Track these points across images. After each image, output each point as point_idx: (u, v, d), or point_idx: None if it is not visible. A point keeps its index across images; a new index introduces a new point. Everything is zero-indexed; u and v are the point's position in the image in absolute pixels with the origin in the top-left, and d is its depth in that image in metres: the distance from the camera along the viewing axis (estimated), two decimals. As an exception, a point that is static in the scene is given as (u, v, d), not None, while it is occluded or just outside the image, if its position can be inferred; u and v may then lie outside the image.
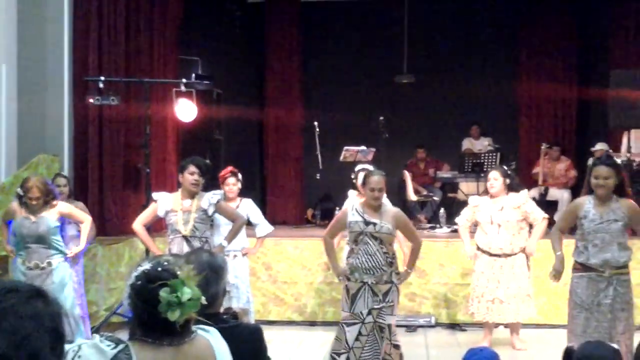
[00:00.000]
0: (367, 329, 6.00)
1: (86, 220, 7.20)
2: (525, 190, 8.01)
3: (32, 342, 1.84)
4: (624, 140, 10.01)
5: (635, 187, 9.98)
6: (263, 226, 7.90)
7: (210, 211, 6.72)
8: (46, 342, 2.11)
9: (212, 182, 7.63)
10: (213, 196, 6.76)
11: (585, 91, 12.95)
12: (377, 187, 6.13)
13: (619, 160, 10.11)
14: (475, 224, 7.94)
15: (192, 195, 6.71)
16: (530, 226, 7.79)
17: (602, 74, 11.20)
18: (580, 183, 11.11)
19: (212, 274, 2.96)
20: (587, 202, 5.76)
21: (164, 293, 2.31)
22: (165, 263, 2.40)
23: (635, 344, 3.75)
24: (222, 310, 3.38)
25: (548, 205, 11.11)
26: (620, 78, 10.05)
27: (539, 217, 7.72)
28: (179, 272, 2.36)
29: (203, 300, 2.39)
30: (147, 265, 2.40)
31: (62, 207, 6.95)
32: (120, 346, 2.35)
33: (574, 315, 5.75)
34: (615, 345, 3.19)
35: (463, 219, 8.01)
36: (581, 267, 5.73)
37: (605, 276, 5.63)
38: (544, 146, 12.02)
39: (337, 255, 6.74)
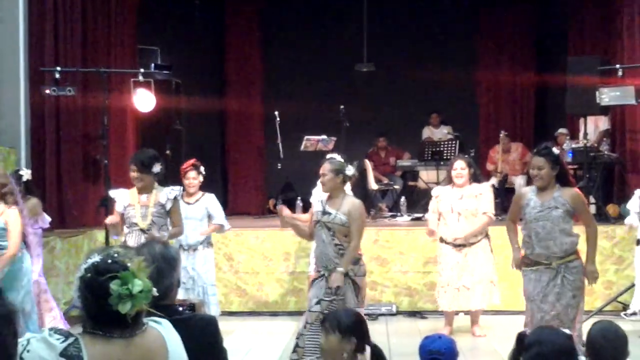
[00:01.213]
0: (311, 317, 5.95)
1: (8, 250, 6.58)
2: (489, 182, 8.12)
3: (7, 342, 1.83)
4: (582, 126, 10.13)
5: (592, 173, 10.14)
6: (221, 222, 7.98)
7: (168, 206, 6.66)
8: (15, 341, 2.09)
9: (173, 173, 7.59)
10: (171, 191, 6.71)
11: (543, 78, 13.10)
12: (322, 172, 6.14)
13: (578, 146, 10.30)
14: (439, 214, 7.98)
15: (148, 190, 6.65)
16: None
17: (560, 61, 11.31)
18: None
19: (165, 265, 2.93)
20: (530, 192, 5.87)
21: (114, 285, 2.28)
22: (116, 255, 2.37)
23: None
24: (181, 301, 3.37)
25: (507, 193, 11.25)
26: (577, 65, 10.16)
27: (484, 210, 7.74)
28: (129, 264, 2.33)
29: (154, 292, 2.36)
30: (96, 258, 2.36)
31: (7, 215, 6.56)
32: (70, 339, 2.31)
33: (526, 307, 5.88)
34: (567, 331, 3.23)
35: (430, 214, 8.08)
36: (530, 261, 5.79)
37: (552, 267, 5.68)
38: (502, 134, 12.14)
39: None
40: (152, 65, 10.95)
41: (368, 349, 3.98)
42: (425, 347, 3.93)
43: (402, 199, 11.58)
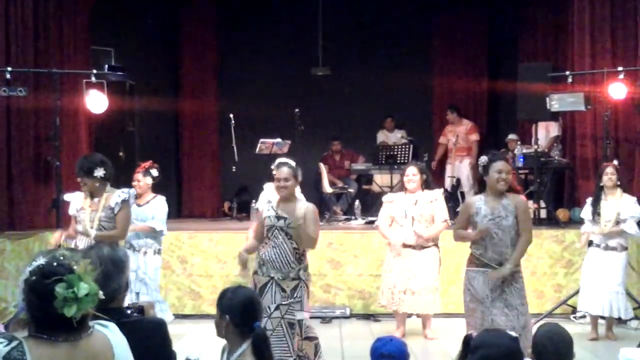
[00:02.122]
0: (272, 324, 5.96)
1: None
2: (441, 189, 8.21)
3: None
4: (534, 132, 10.28)
5: (542, 178, 10.30)
6: (155, 225, 7.83)
7: (117, 209, 6.60)
8: None
9: (127, 176, 7.53)
10: (122, 194, 6.66)
11: (495, 84, 13.27)
12: (281, 177, 6.13)
13: (529, 151, 10.45)
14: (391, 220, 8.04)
15: (98, 194, 6.59)
16: None
17: (511, 67, 11.47)
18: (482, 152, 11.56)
19: (113, 268, 2.91)
20: (478, 200, 5.86)
21: (59, 288, 2.26)
22: (61, 258, 2.35)
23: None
24: (130, 305, 3.34)
25: (460, 199, 11.42)
26: (528, 71, 10.32)
27: (441, 217, 7.88)
28: (75, 267, 2.32)
29: (100, 295, 2.35)
30: (42, 260, 2.35)
31: None
32: (14, 343, 2.29)
33: (472, 309, 5.81)
34: (513, 334, 3.27)
35: (381, 220, 8.09)
36: (478, 262, 5.79)
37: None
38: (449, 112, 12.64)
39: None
40: (106, 66, 10.84)
41: None
42: (376, 350, 3.96)
43: (357, 202, 11.63)
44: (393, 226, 7.98)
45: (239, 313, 3.54)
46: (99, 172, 6.45)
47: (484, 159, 5.84)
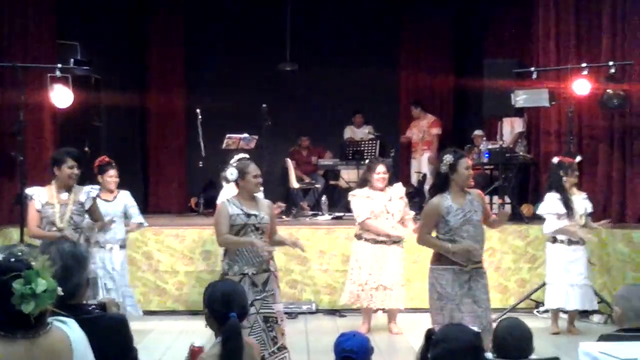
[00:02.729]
0: (250, 321, 5.96)
1: None
2: (399, 183, 8.29)
3: None
4: (499, 128, 10.37)
5: (507, 174, 10.40)
6: (141, 220, 8.03)
7: (88, 205, 6.60)
8: None
9: (87, 171, 7.47)
10: (92, 190, 6.66)
11: (461, 81, 13.36)
12: (258, 173, 6.13)
13: (494, 147, 10.55)
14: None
15: (68, 188, 6.57)
16: None
17: (477, 64, 11.54)
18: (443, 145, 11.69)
19: (74, 264, 2.90)
20: (444, 200, 5.73)
21: (17, 285, 2.24)
22: (19, 253, 2.33)
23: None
24: (97, 301, 3.33)
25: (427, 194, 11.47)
26: (493, 68, 10.40)
27: (410, 214, 8.16)
28: (33, 263, 2.30)
29: (59, 291, 2.33)
30: (-1, 256, 2.33)
31: None
32: (-30, 340, 2.28)
33: (440, 307, 5.72)
34: (475, 328, 3.30)
35: (366, 213, 7.98)
36: (444, 259, 5.72)
37: (466, 270, 5.70)
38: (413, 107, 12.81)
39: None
40: (72, 60, 10.73)
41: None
42: (339, 345, 3.99)
43: (324, 198, 11.66)
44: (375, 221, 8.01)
45: (215, 305, 3.59)
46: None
47: (449, 157, 5.76)
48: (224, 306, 3.55)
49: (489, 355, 3.64)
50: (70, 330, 2.48)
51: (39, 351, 2.35)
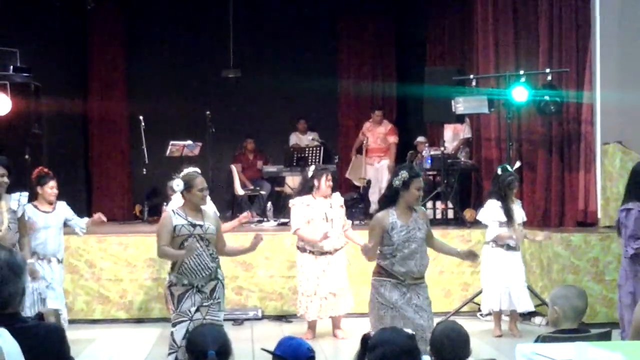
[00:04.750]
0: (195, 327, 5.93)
1: None
2: (337, 193, 8.39)
3: None
4: (441, 135, 10.50)
5: (449, 179, 10.54)
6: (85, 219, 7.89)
7: (20, 212, 6.48)
8: None
9: (20, 180, 7.35)
10: (22, 197, 6.52)
11: (403, 88, 13.48)
12: (205, 186, 6.09)
13: (436, 153, 10.67)
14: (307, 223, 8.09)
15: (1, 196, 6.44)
16: None
17: (419, 70, 11.66)
18: (401, 155, 11.76)
19: (9, 273, 2.86)
20: (389, 215, 5.74)
21: (-51, 294, 2.23)
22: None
23: None
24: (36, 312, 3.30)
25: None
26: (434, 75, 10.54)
27: (348, 221, 8.38)
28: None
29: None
30: None
31: None
32: None
33: (381, 316, 5.73)
34: (409, 331, 3.34)
35: (299, 223, 8.04)
36: (384, 272, 5.75)
37: (404, 284, 5.71)
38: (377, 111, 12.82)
39: None
40: (11, 67, 10.57)
41: None
42: (275, 349, 3.98)
43: (269, 204, 11.66)
44: (311, 228, 8.03)
45: (192, 346, 3.56)
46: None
47: (405, 174, 5.75)
48: (201, 345, 3.52)
49: (426, 358, 3.70)
50: (1, 339, 2.46)
51: (-30, 361, 2.33)
